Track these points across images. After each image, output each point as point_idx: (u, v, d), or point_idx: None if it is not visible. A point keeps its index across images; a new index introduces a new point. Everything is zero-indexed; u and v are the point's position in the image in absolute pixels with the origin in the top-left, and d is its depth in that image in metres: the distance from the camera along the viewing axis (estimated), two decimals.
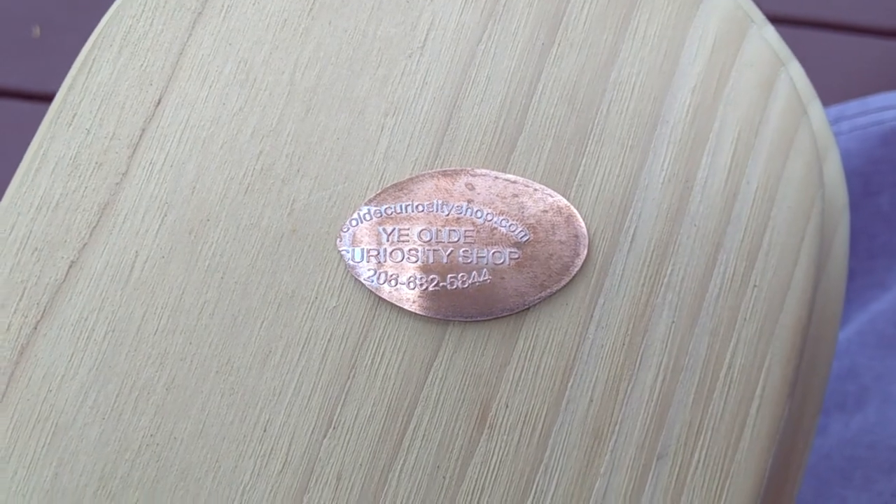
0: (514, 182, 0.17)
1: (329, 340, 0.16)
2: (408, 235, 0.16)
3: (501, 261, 0.16)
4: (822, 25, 0.75)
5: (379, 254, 0.16)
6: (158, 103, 0.17)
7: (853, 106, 0.33)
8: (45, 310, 0.16)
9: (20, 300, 0.16)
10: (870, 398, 0.29)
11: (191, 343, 0.16)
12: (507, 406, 0.16)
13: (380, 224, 0.16)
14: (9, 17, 0.82)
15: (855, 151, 0.32)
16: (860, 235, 0.32)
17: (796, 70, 0.18)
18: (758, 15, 0.18)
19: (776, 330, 0.16)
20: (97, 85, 0.17)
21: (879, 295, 0.31)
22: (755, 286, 0.16)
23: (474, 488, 0.16)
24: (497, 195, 0.17)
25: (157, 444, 0.16)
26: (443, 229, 0.16)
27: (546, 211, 0.16)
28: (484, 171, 0.17)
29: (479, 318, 0.16)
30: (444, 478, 0.16)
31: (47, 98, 0.79)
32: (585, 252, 0.16)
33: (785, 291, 0.16)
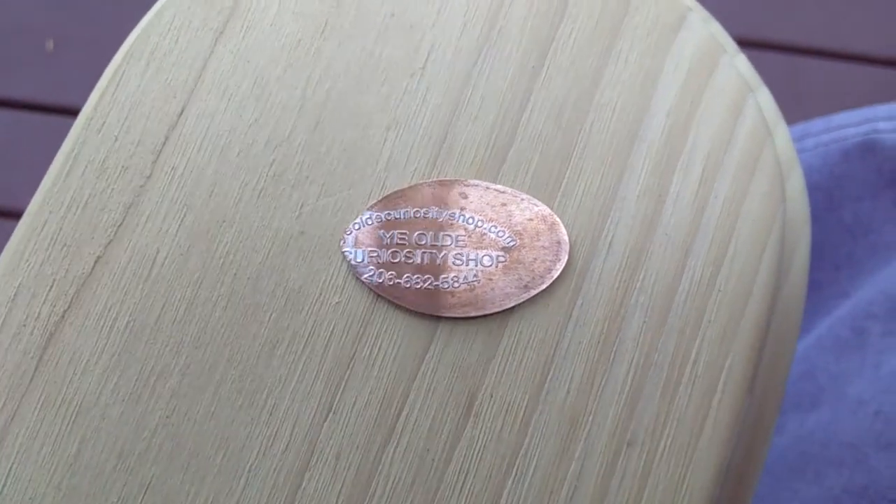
0: (504, 192, 0.18)
1: (331, 333, 0.17)
2: (405, 239, 0.18)
3: (490, 264, 0.18)
4: (818, 53, 0.77)
5: (379, 255, 0.18)
6: (181, 114, 0.18)
7: (817, 124, 0.34)
8: (72, 300, 0.17)
9: (49, 291, 0.17)
10: (825, 398, 0.30)
11: (205, 333, 0.17)
12: (491, 396, 0.17)
13: (380, 228, 0.18)
14: (24, 31, 0.83)
15: (818, 167, 0.33)
16: (825, 247, 0.33)
17: (764, 96, 0.19)
18: (731, 45, 0.20)
19: (738, 331, 0.17)
20: (125, 96, 0.18)
21: (843, 303, 0.32)
22: (720, 290, 0.17)
23: (460, 470, 0.17)
24: (487, 204, 0.18)
25: (172, 425, 0.17)
26: (437, 234, 0.18)
27: (531, 219, 0.18)
28: (476, 181, 0.18)
29: (467, 316, 0.17)
30: (432, 460, 0.17)
31: (60, 110, 0.80)
32: (566, 257, 0.18)
33: (747, 296, 0.17)
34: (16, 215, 0.76)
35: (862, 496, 0.28)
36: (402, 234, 0.17)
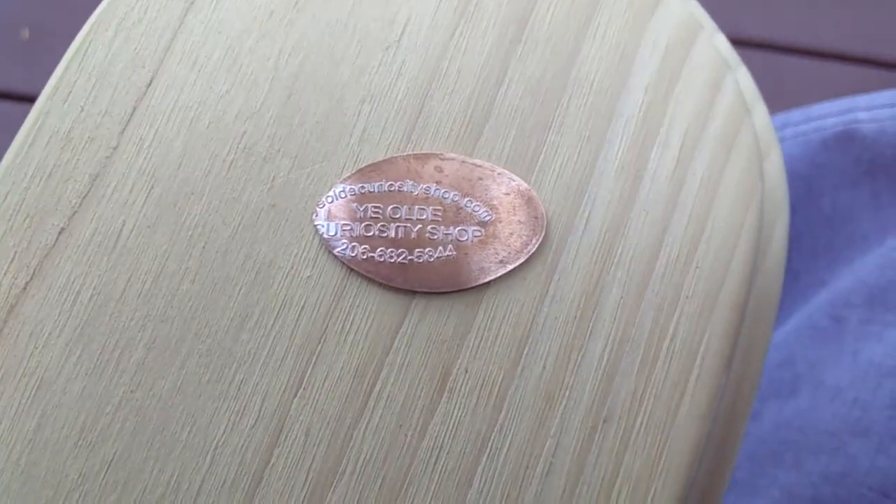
0: (480, 166, 0.18)
1: (303, 307, 0.17)
2: (380, 212, 0.17)
3: (465, 238, 0.17)
4: (796, 51, 0.78)
5: (352, 228, 0.17)
6: (149, 84, 0.18)
7: (797, 114, 0.34)
8: (34, 272, 0.17)
9: (11, 263, 0.17)
10: (802, 386, 0.31)
11: (172, 306, 0.17)
12: (466, 371, 0.17)
13: (354, 201, 0.17)
14: None
15: (798, 156, 0.33)
16: (804, 237, 0.33)
17: (743, 74, 0.19)
18: (709, 23, 0.20)
19: (715, 307, 0.17)
20: (92, 66, 0.18)
21: (820, 292, 0.33)
22: (697, 267, 0.17)
23: (434, 445, 0.16)
24: (464, 178, 0.18)
25: (137, 400, 0.16)
26: (413, 207, 0.17)
27: (508, 193, 0.18)
28: (452, 155, 0.18)
29: (443, 290, 0.17)
30: (406, 435, 0.16)
31: (34, 99, 0.79)
32: (543, 232, 0.17)
33: (724, 273, 0.17)
34: None
35: (840, 483, 0.28)
36: (376, 207, 0.17)
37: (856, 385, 0.30)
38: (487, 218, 0.17)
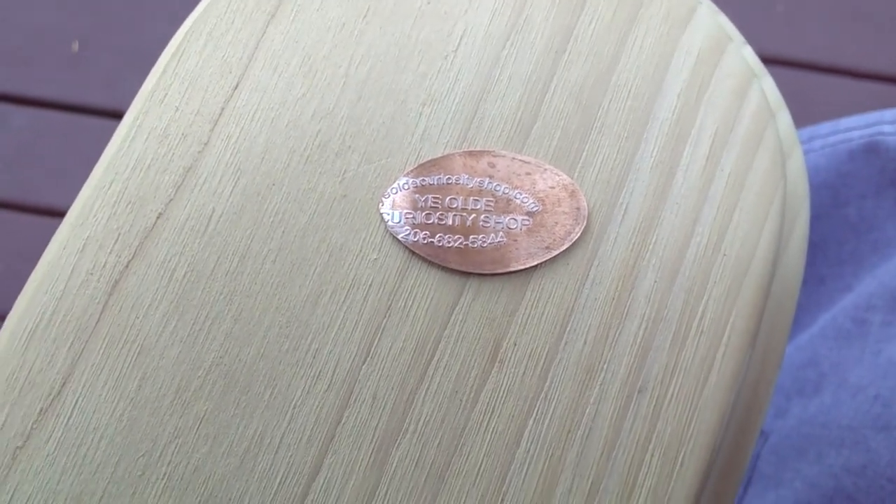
0: (528, 162, 0.20)
1: (370, 286, 0.19)
2: (438, 202, 0.20)
3: (515, 226, 0.19)
4: (823, 69, 0.79)
5: (414, 216, 0.19)
6: (236, 88, 0.20)
7: (825, 126, 0.36)
8: (135, 252, 0.19)
9: (115, 243, 0.19)
10: (826, 385, 0.32)
11: (255, 283, 0.19)
12: (515, 345, 0.19)
13: (416, 192, 0.20)
14: (51, 32, 0.86)
15: (825, 166, 0.35)
16: (830, 243, 0.35)
17: (768, 83, 0.21)
18: (737, 36, 0.22)
19: (741, 291, 0.19)
20: (185, 70, 0.20)
21: (846, 297, 0.34)
22: (725, 255, 0.19)
23: (486, 410, 0.18)
24: (513, 172, 0.20)
25: (225, 365, 0.19)
26: (468, 198, 0.20)
27: (554, 187, 0.20)
28: (503, 152, 0.20)
29: (494, 273, 0.19)
30: (461, 401, 0.18)
31: (82, 109, 0.83)
32: (585, 222, 0.19)
33: (750, 260, 0.19)
34: (38, 211, 0.79)
35: (861, 475, 0.30)
36: (435, 198, 0.19)
37: (877, 383, 0.31)
38: (535, 209, 0.19)
